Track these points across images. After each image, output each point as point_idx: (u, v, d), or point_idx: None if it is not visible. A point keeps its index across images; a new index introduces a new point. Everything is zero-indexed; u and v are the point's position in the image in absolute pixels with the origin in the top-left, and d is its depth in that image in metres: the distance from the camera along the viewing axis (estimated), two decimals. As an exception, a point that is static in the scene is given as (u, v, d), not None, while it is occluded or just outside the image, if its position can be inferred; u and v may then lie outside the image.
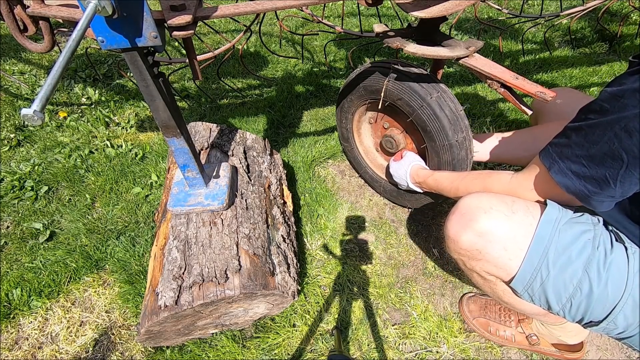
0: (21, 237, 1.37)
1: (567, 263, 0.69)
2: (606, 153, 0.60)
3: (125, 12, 0.61)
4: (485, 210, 0.75)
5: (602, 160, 0.61)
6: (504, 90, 0.89)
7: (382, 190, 1.45)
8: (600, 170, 0.62)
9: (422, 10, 0.85)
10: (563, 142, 0.67)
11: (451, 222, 0.81)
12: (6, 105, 1.94)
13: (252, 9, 0.79)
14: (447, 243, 0.83)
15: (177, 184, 1.08)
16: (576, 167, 0.65)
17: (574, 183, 0.66)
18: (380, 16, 2.41)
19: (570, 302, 0.70)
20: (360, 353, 1.08)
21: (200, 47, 2.43)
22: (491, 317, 1.10)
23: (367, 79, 1.17)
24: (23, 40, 0.81)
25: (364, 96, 1.24)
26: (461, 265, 0.85)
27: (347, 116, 1.38)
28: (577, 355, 1.03)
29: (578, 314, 0.71)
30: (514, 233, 0.73)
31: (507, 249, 0.73)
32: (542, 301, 0.74)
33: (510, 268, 0.74)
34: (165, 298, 0.88)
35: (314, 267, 1.27)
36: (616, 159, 0.59)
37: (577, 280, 0.68)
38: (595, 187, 0.64)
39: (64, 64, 0.46)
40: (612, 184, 0.62)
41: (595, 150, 0.62)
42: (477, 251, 0.76)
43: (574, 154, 0.65)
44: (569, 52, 2.25)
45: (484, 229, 0.75)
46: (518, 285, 0.75)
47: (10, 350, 1.09)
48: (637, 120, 0.55)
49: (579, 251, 0.69)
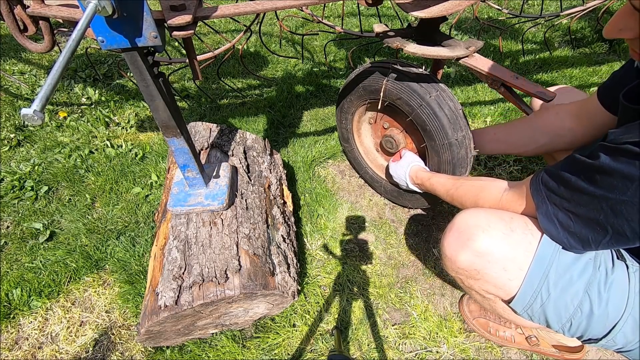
0: (21, 237, 1.37)
1: (569, 284, 0.68)
2: (592, 219, 0.60)
3: (125, 12, 0.61)
4: (484, 228, 0.73)
5: (588, 223, 0.61)
6: (504, 90, 0.89)
7: (383, 191, 1.45)
8: (584, 231, 0.62)
9: (422, 10, 0.85)
10: (553, 187, 0.66)
11: (448, 241, 0.78)
12: (6, 105, 1.94)
13: (252, 9, 0.79)
14: (444, 262, 0.81)
15: (177, 184, 1.08)
16: (563, 217, 0.65)
17: (558, 232, 0.66)
18: (380, 16, 2.41)
19: (570, 322, 0.69)
20: (360, 353, 1.08)
21: (200, 47, 2.43)
22: (491, 318, 1.10)
23: (366, 79, 1.17)
24: (23, 40, 0.81)
25: (363, 96, 1.24)
26: (459, 282, 0.83)
27: (347, 116, 1.38)
28: (577, 356, 1.03)
29: (577, 333, 0.70)
30: (513, 253, 0.71)
31: (506, 270, 0.71)
32: (541, 320, 0.73)
33: (510, 288, 0.72)
34: (165, 298, 0.87)
35: (314, 267, 1.27)
36: (602, 228, 0.59)
37: (578, 301, 0.67)
38: (577, 244, 0.64)
39: (64, 64, 0.46)
40: (594, 247, 0.62)
41: (582, 211, 0.61)
42: (476, 271, 0.74)
43: (563, 205, 0.65)
44: (569, 52, 2.25)
45: (482, 249, 0.72)
46: (518, 306, 0.73)
47: (10, 350, 1.09)
48: (623, 206, 0.54)
49: (580, 272, 0.68)
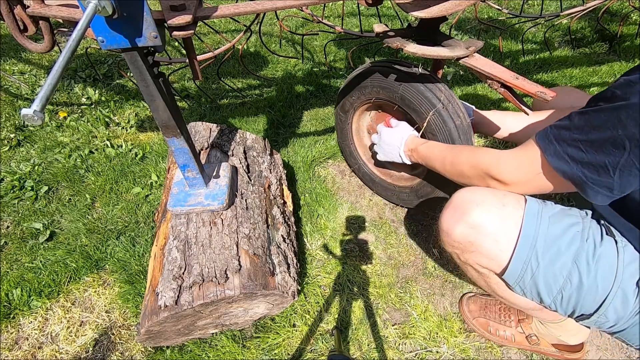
0: (21, 237, 1.37)
1: (557, 255, 0.70)
2: (607, 139, 0.58)
3: (125, 12, 0.61)
4: (478, 203, 0.77)
5: (602, 146, 0.59)
6: (504, 90, 0.89)
7: (380, 188, 1.44)
8: (598, 157, 0.60)
9: (422, 10, 0.85)
10: (564, 124, 0.65)
11: (445, 216, 0.83)
12: (6, 105, 1.94)
13: (252, 9, 0.79)
14: (442, 236, 0.85)
15: (177, 184, 1.08)
16: (573, 150, 0.63)
17: (571, 167, 0.64)
18: (380, 16, 2.41)
19: (561, 295, 0.71)
20: (360, 353, 1.08)
21: (200, 47, 2.43)
22: (491, 317, 1.10)
23: (366, 80, 1.17)
24: (23, 40, 0.81)
25: (362, 97, 1.24)
26: (455, 258, 0.87)
27: (346, 116, 1.38)
28: (578, 355, 1.03)
29: (569, 307, 0.72)
30: (504, 225, 0.74)
31: (498, 241, 0.75)
32: (534, 294, 0.75)
33: (501, 260, 0.75)
34: (165, 298, 0.88)
35: (314, 267, 1.27)
36: (618, 146, 0.57)
37: (566, 272, 0.69)
38: (593, 173, 0.61)
39: (64, 64, 0.46)
40: (612, 172, 0.59)
41: (595, 135, 0.59)
42: (470, 243, 0.78)
43: (572, 138, 0.63)
44: (569, 52, 2.25)
45: (476, 222, 0.76)
46: (510, 279, 0.76)
47: (10, 350, 1.09)
48: None
49: (567, 243, 0.70)
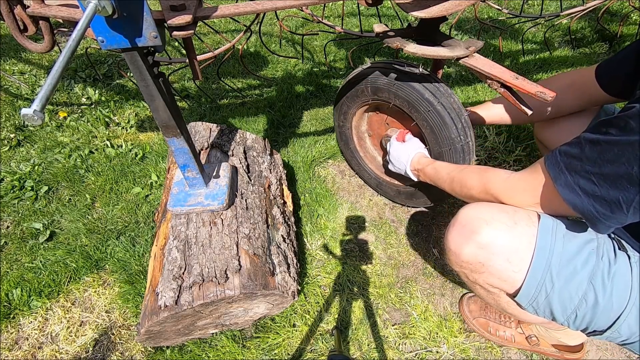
0: (21, 237, 1.37)
1: (572, 275, 0.67)
2: (622, 175, 0.54)
3: (125, 12, 0.61)
4: (487, 221, 0.73)
5: (616, 181, 0.56)
6: (504, 90, 0.89)
7: (375, 185, 1.45)
8: (612, 192, 0.56)
9: (422, 10, 0.85)
10: (574, 152, 0.62)
11: (452, 234, 0.78)
12: (6, 105, 1.94)
13: (252, 9, 0.79)
14: (449, 256, 0.80)
15: (177, 184, 1.08)
16: (585, 183, 0.60)
17: (582, 201, 0.61)
18: (380, 16, 2.41)
19: (576, 314, 0.68)
20: (360, 353, 1.08)
21: (200, 47, 2.43)
22: (491, 318, 1.10)
23: (365, 81, 1.17)
24: (23, 40, 0.81)
25: (361, 98, 1.24)
26: (464, 277, 0.82)
27: (345, 116, 1.38)
28: (577, 355, 1.03)
29: (582, 324, 0.70)
30: (516, 245, 0.70)
31: (510, 262, 0.71)
32: (546, 313, 0.72)
33: (514, 281, 0.72)
34: (165, 298, 0.87)
35: (314, 267, 1.27)
36: (633, 183, 0.53)
37: (582, 291, 0.66)
38: (606, 209, 0.58)
39: (64, 64, 0.46)
40: (625, 210, 0.56)
41: (609, 169, 0.56)
42: (480, 264, 0.74)
43: (584, 169, 0.59)
44: (569, 52, 2.25)
45: (486, 241, 0.72)
46: (523, 300, 0.72)
47: (10, 350, 1.09)
48: None
49: (583, 262, 0.67)
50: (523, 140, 1.62)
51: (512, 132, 1.66)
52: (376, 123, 1.36)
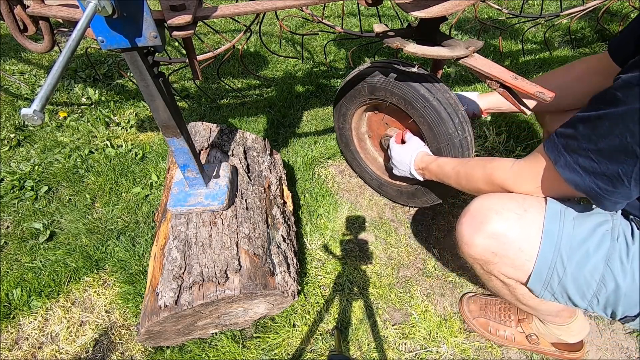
0: (21, 237, 1.37)
1: (585, 258, 0.66)
2: (617, 148, 0.55)
3: (125, 12, 0.61)
4: (497, 211, 0.72)
5: (613, 155, 0.56)
6: (503, 90, 0.89)
7: (376, 184, 1.45)
8: (611, 167, 0.56)
9: (422, 10, 0.85)
10: (569, 132, 0.62)
11: (463, 226, 0.77)
12: (6, 105, 1.94)
13: (252, 9, 0.79)
14: (461, 247, 0.79)
15: (177, 184, 1.08)
16: (585, 161, 0.60)
17: (584, 180, 0.61)
18: (380, 16, 2.41)
19: (597, 299, 0.67)
20: (360, 353, 1.08)
21: (200, 47, 2.43)
22: (491, 317, 1.10)
23: (364, 81, 1.18)
24: (23, 40, 0.81)
25: (359, 99, 1.24)
26: (478, 269, 0.82)
27: (345, 117, 1.38)
28: (577, 354, 1.03)
29: (608, 309, 0.68)
30: (527, 232, 0.70)
31: (523, 250, 0.70)
32: (565, 299, 0.71)
33: (528, 269, 0.71)
34: (165, 298, 0.88)
35: (314, 267, 1.27)
36: (629, 154, 0.53)
37: (599, 275, 0.65)
38: (607, 184, 0.58)
39: (64, 64, 0.46)
40: (627, 182, 0.56)
41: (604, 144, 0.56)
42: (493, 254, 0.73)
43: (582, 148, 0.60)
44: (569, 52, 2.25)
45: (496, 231, 0.72)
46: (536, 286, 0.72)
47: (10, 350, 1.09)
48: None
49: (596, 244, 0.65)
50: (523, 140, 1.62)
51: (512, 132, 1.66)
52: (375, 123, 1.36)
